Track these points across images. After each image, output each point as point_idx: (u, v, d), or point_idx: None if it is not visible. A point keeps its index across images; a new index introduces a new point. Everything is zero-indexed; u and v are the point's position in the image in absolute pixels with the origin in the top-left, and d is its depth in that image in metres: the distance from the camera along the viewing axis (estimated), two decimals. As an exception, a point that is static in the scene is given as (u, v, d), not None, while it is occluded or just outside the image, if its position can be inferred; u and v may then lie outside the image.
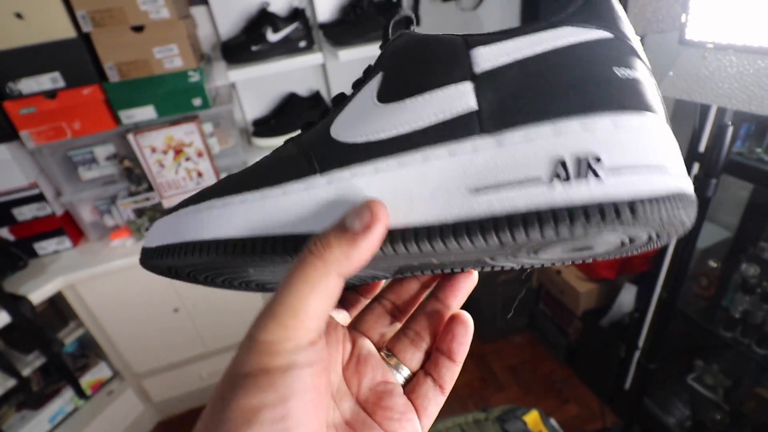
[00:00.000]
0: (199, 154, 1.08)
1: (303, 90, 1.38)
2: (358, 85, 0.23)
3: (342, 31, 1.16)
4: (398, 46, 0.22)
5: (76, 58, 0.94)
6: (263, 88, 1.33)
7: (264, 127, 1.28)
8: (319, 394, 0.18)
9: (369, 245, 0.18)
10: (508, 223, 0.17)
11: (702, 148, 0.77)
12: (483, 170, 0.18)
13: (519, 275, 1.38)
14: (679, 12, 0.62)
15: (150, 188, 1.11)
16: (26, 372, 1.08)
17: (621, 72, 0.18)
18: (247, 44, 1.12)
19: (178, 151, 1.06)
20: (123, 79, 0.99)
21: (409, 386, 0.24)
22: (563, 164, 0.17)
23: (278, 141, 1.28)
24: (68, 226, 1.14)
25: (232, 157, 1.19)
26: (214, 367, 1.37)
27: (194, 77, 1.03)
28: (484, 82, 0.19)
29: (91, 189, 1.10)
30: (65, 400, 1.20)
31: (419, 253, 0.19)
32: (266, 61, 1.13)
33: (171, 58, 1.00)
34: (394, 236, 0.19)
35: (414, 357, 0.25)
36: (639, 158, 0.17)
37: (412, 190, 0.19)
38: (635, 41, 0.20)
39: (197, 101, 1.06)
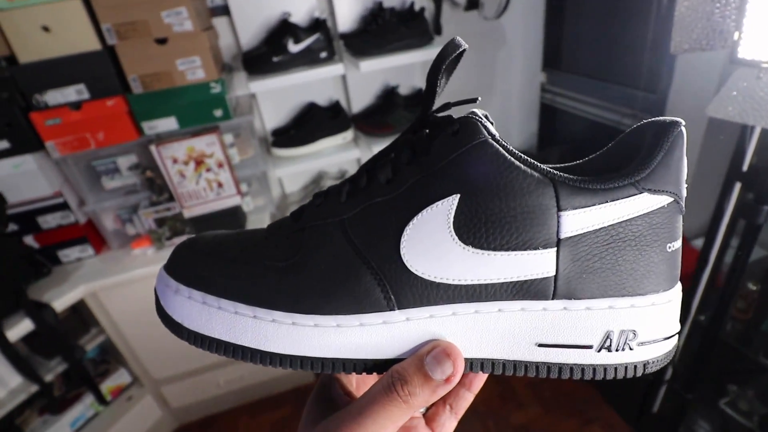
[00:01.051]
0: (220, 165, 1.09)
1: (322, 100, 1.38)
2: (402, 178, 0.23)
3: (363, 42, 1.15)
4: (479, 171, 0.22)
5: (101, 71, 0.95)
6: (283, 97, 1.33)
7: (284, 137, 1.28)
8: None
9: (446, 391, 0.21)
10: (558, 371, 0.23)
11: (745, 166, 0.73)
12: (548, 329, 0.22)
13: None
14: (731, 29, 0.59)
15: (171, 198, 1.11)
16: (48, 377, 1.10)
17: (670, 246, 0.22)
18: (268, 55, 1.12)
19: (199, 162, 1.06)
20: (146, 91, 1.00)
21: (430, 414, 0.27)
22: (610, 338, 0.22)
23: (298, 151, 1.27)
24: (91, 235, 1.16)
25: (252, 167, 1.19)
26: (231, 375, 1.37)
27: (216, 88, 1.04)
28: (566, 249, 0.22)
29: (113, 198, 1.11)
30: (86, 405, 1.21)
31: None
32: (287, 71, 1.12)
33: (193, 69, 1.00)
34: (481, 364, 0.23)
35: None
36: (660, 332, 0.23)
37: (483, 332, 0.22)
38: (684, 194, 0.23)
39: (218, 112, 1.06)
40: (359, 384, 0.28)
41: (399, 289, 0.22)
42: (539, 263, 0.21)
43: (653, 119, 0.23)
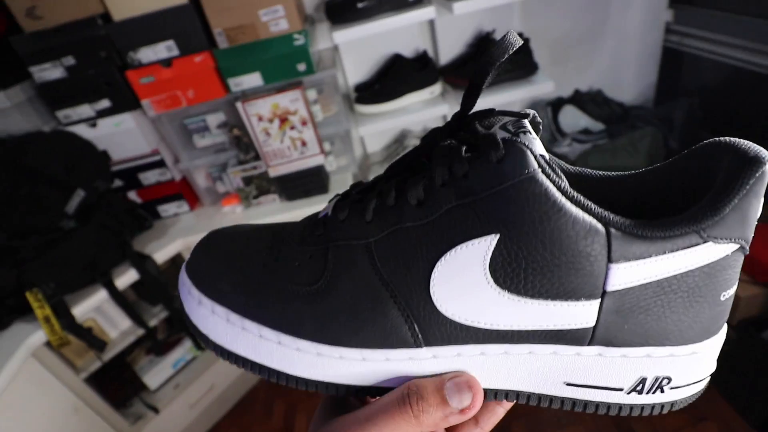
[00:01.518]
0: (303, 123, 1.05)
1: (408, 51, 1.26)
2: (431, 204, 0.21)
3: (457, -21, 1.01)
4: (524, 211, 0.19)
5: (188, 25, 0.94)
6: (366, 49, 1.25)
7: (367, 92, 1.20)
8: None
9: (457, 422, 0.21)
10: (584, 406, 0.22)
11: None
12: (579, 372, 0.22)
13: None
14: None
15: (257, 157, 1.11)
16: (153, 322, 1.19)
17: (724, 295, 0.21)
18: (353, 1, 1.03)
19: (283, 120, 1.03)
20: (231, 45, 0.97)
21: (455, 427, 0.25)
22: (643, 383, 0.22)
23: (382, 108, 1.19)
24: (186, 191, 1.20)
25: (335, 125, 1.14)
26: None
27: (299, 40, 0.98)
28: (610, 300, 0.20)
29: (204, 156, 1.13)
30: (185, 349, 1.31)
31: None
32: (373, 18, 1.03)
33: (276, 20, 0.95)
34: (486, 393, 0.22)
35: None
36: (694, 377, 0.22)
37: (511, 370, 0.22)
38: (751, 236, 0.20)
39: (302, 66, 1.01)
40: None
41: (426, 327, 0.21)
42: (579, 314, 0.20)
43: (733, 143, 0.19)
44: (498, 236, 0.19)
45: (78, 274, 0.95)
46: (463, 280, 0.20)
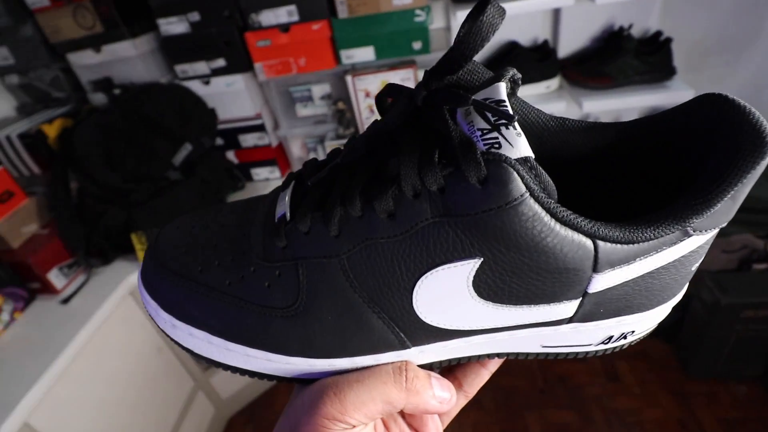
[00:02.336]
0: (408, 104, 1.01)
1: (525, 39, 1.18)
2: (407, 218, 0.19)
3: (603, -36, 0.91)
4: (511, 237, 0.17)
5: (313, -9, 0.92)
6: (481, 33, 1.17)
7: (476, 79, 1.14)
8: None
9: (434, 409, 0.22)
10: (555, 356, 0.24)
11: None
12: (555, 339, 0.23)
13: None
14: None
15: (356, 134, 1.09)
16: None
17: (695, 266, 0.21)
18: (481, -21, 0.96)
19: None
20: (351, 16, 0.94)
21: None
22: (611, 338, 0.23)
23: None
24: (280, 158, 1.22)
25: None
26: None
27: (420, 17, 0.93)
28: (590, 298, 0.20)
29: (303, 126, 1.13)
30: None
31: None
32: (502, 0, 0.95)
33: (401, -7, 0.91)
34: (471, 357, 0.24)
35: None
36: (653, 324, 0.23)
37: (495, 346, 0.23)
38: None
39: (417, 45, 0.97)
40: None
41: (412, 332, 0.21)
42: (560, 311, 0.21)
43: (733, 107, 0.17)
44: (482, 260, 0.18)
45: (178, 224, 1.00)
46: (446, 296, 0.20)
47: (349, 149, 0.21)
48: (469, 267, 0.19)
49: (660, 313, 0.23)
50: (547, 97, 1.10)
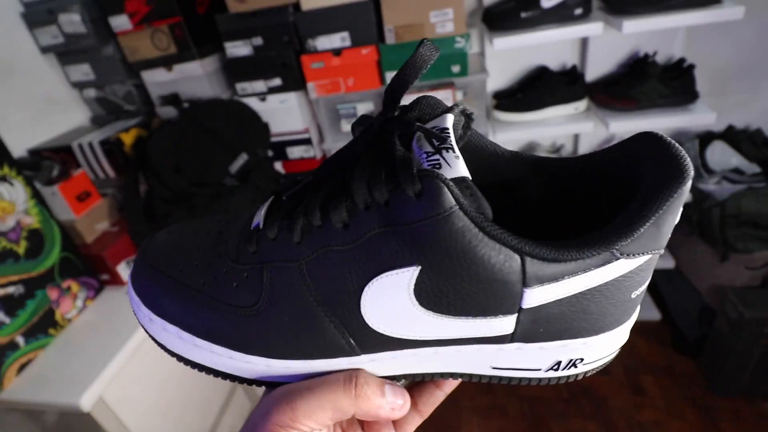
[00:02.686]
0: (446, 122, 1.10)
1: (554, 63, 1.26)
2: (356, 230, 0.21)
3: (630, -2, 0.99)
4: (442, 247, 0.19)
5: (364, 20, 1.03)
6: (512, 58, 1.26)
7: (508, 100, 1.22)
8: None
9: (386, 415, 0.23)
10: (509, 380, 0.25)
11: None
12: (503, 359, 0.24)
13: (797, 330, 1.05)
14: None
15: (395, 147, 1.18)
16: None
17: (635, 294, 0.22)
18: (516, 10, 1.06)
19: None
20: (397, 42, 1.04)
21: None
22: (559, 364, 0.24)
23: (522, 117, 1.20)
24: (322, 169, 1.31)
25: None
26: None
27: (460, 43, 1.03)
28: (527, 314, 0.21)
29: (346, 140, 1.22)
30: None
31: None
32: (535, 28, 1.05)
33: (444, 22, 1.01)
34: (424, 375, 0.25)
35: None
36: (606, 353, 0.24)
37: (443, 364, 0.24)
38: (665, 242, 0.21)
39: (456, 68, 1.06)
40: None
41: (362, 340, 0.23)
42: (499, 326, 0.22)
43: (658, 144, 0.19)
44: (419, 268, 0.20)
45: (233, 226, 1.09)
46: (390, 303, 0.21)
47: (320, 168, 0.24)
48: (409, 274, 0.20)
49: (607, 342, 0.23)
50: (575, 118, 1.17)
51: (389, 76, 1.09)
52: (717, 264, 1.19)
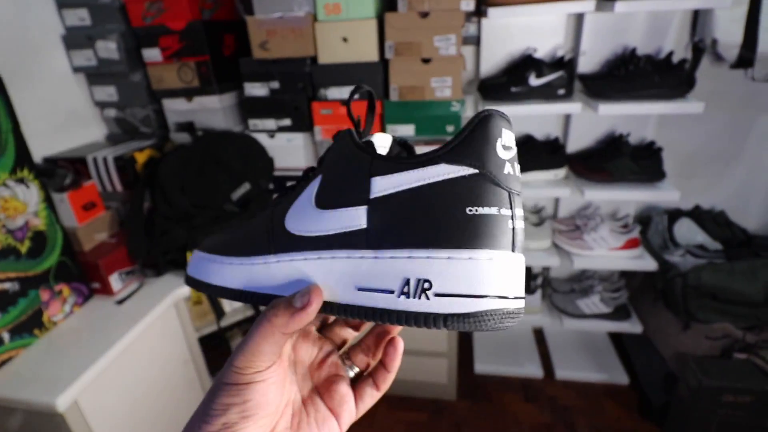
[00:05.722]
0: (437, 174, 1.19)
1: (540, 134, 1.39)
2: (305, 178, 0.31)
3: (606, 85, 1.14)
4: (335, 155, 0.29)
5: (373, 78, 1.15)
6: (503, 125, 1.39)
7: (496, 161, 1.33)
8: (273, 393, 0.27)
9: (303, 318, 0.26)
10: (373, 314, 0.26)
11: None
12: (364, 275, 0.26)
13: (753, 401, 1.11)
14: None
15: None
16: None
17: (471, 210, 0.25)
18: (507, 85, 1.19)
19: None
20: (400, 100, 1.16)
21: (357, 382, 0.33)
22: (407, 284, 0.25)
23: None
24: (318, 206, 1.39)
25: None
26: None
27: (455, 107, 1.15)
28: (374, 207, 0.26)
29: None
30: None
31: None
32: (523, 102, 1.18)
33: (443, 88, 1.13)
34: (323, 307, 0.28)
35: (363, 361, 0.34)
36: (458, 287, 0.24)
37: (325, 274, 0.28)
38: (501, 171, 0.25)
39: (450, 128, 1.17)
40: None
41: (276, 240, 0.30)
42: (354, 217, 0.27)
43: (480, 111, 0.26)
44: (321, 176, 0.29)
45: (228, 249, 1.15)
46: (300, 207, 0.29)
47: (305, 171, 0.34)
48: (316, 183, 0.29)
49: (453, 268, 0.25)
50: (555, 183, 1.28)
51: (390, 128, 1.20)
52: (680, 332, 1.26)
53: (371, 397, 0.33)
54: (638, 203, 1.49)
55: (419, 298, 0.25)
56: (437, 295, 0.24)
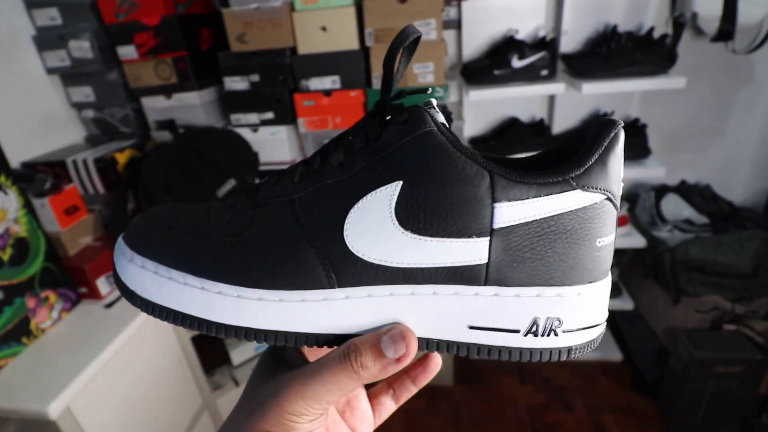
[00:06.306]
0: (424, 161, 1.19)
1: (525, 116, 1.39)
2: (347, 159, 0.23)
3: (589, 64, 1.13)
4: (421, 160, 0.22)
5: (354, 67, 1.14)
6: (487, 109, 1.39)
7: (482, 146, 1.33)
8: None
9: (395, 370, 0.22)
10: (488, 351, 0.24)
11: None
12: (480, 313, 0.23)
13: (743, 371, 1.13)
14: None
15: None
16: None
17: (600, 242, 0.23)
18: (490, 68, 1.18)
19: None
20: (383, 87, 1.15)
21: (373, 391, 0.30)
22: (537, 323, 0.23)
23: (494, 161, 1.31)
24: (306, 199, 1.38)
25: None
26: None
27: (439, 93, 1.14)
28: (498, 238, 0.22)
29: (331, 173, 1.30)
30: (267, 338, 1.45)
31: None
32: (506, 85, 1.17)
33: (425, 74, 1.12)
34: (420, 343, 0.24)
35: None
36: (585, 321, 0.24)
37: (420, 314, 0.23)
38: (619, 193, 0.23)
39: (435, 114, 1.16)
40: (313, 349, 0.28)
41: (340, 268, 0.23)
42: (472, 251, 0.22)
43: (598, 117, 0.24)
44: (401, 183, 0.22)
45: (216, 246, 1.13)
46: (372, 223, 0.22)
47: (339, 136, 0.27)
48: (391, 190, 0.22)
49: (584, 304, 0.23)
50: (542, 165, 1.28)
51: (374, 116, 1.18)
52: (671, 306, 1.28)
53: (388, 410, 0.30)
54: (625, 181, 1.49)
55: (548, 336, 0.23)
56: (566, 331, 0.23)
